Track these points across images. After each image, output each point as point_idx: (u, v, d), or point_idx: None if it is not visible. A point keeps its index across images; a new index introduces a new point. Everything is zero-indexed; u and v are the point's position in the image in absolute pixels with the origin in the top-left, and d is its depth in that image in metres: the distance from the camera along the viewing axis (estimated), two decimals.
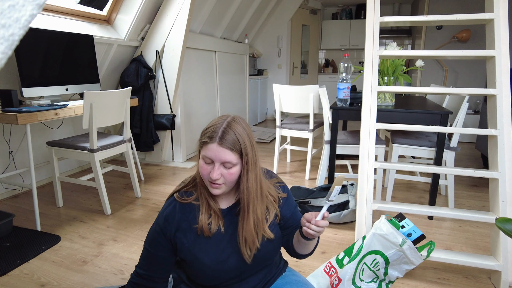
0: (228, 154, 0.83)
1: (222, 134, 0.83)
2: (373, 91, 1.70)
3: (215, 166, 0.84)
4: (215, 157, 0.83)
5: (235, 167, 0.85)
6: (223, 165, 0.85)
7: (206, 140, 0.84)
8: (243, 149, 0.85)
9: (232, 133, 0.84)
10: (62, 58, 2.39)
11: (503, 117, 1.52)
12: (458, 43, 4.56)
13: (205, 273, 0.92)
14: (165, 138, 3.27)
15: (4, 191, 2.46)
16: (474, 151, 3.82)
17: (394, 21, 1.73)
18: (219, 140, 0.83)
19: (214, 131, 0.84)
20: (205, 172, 0.86)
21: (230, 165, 0.84)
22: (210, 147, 0.83)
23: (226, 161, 0.84)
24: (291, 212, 1.02)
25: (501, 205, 1.50)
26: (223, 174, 0.85)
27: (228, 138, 0.83)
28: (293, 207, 1.04)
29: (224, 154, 0.83)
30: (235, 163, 0.85)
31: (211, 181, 0.86)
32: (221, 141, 0.83)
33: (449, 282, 1.55)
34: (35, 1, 0.29)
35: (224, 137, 0.83)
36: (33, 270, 1.61)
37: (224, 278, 0.93)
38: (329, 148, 2.34)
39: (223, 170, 0.85)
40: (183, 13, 2.91)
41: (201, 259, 0.91)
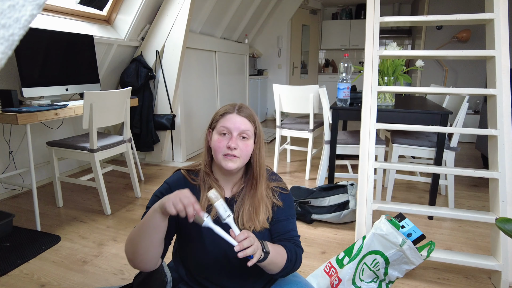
0: (247, 123, 0.90)
1: (239, 106, 0.92)
2: (373, 91, 1.70)
3: (233, 136, 0.89)
4: (234, 126, 0.89)
5: (250, 140, 0.91)
6: (240, 136, 0.90)
7: (226, 111, 0.91)
8: (257, 123, 0.93)
9: (247, 108, 0.93)
10: (62, 58, 2.39)
11: (503, 117, 1.52)
12: (458, 43, 4.56)
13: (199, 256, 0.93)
14: (165, 138, 3.27)
15: (4, 191, 2.46)
16: (474, 151, 3.82)
17: (394, 21, 1.73)
18: (237, 110, 0.91)
19: (231, 105, 0.92)
20: (222, 144, 0.89)
21: (246, 136, 0.90)
22: (229, 117, 0.90)
23: (246, 129, 0.89)
24: (285, 217, 0.99)
25: (501, 205, 1.50)
26: (239, 146, 0.89)
27: (246, 110, 0.92)
28: (289, 214, 1.00)
29: (243, 122, 0.89)
30: (250, 134, 0.91)
31: (227, 153, 0.88)
32: (240, 111, 0.91)
33: (449, 282, 1.55)
34: (35, 1, 0.29)
35: (242, 109, 0.92)
36: (33, 270, 1.61)
37: (217, 266, 0.94)
38: (329, 148, 2.34)
39: (239, 142, 0.89)
40: (183, 13, 2.91)
41: (196, 239, 0.93)
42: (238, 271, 0.95)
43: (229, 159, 0.89)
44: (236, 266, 0.94)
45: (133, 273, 1.60)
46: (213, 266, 0.94)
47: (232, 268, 0.95)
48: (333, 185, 2.23)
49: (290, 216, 1.01)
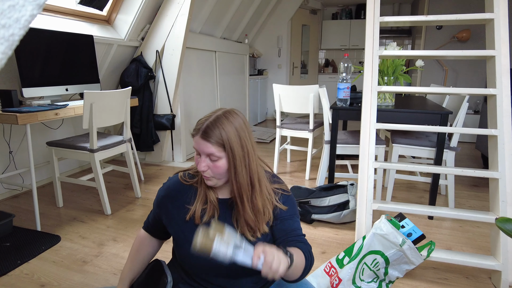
0: (210, 147, 0.85)
1: (205, 128, 0.86)
2: (373, 91, 1.70)
3: (202, 158, 0.88)
4: (199, 149, 0.87)
5: (221, 160, 0.87)
6: (209, 158, 0.87)
7: (193, 133, 0.89)
8: (225, 143, 0.85)
9: (216, 127, 0.85)
10: (62, 58, 2.39)
11: (503, 117, 1.52)
12: (458, 43, 4.56)
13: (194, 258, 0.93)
14: (165, 138, 3.27)
15: (4, 191, 2.46)
16: (474, 151, 3.82)
17: (394, 21, 1.73)
18: (201, 133, 0.86)
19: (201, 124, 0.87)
20: (196, 162, 0.90)
21: (214, 157, 0.86)
22: (195, 139, 0.88)
23: (209, 153, 0.86)
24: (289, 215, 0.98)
25: (501, 205, 1.50)
26: (209, 166, 0.87)
27: (210, 132, 0.85)
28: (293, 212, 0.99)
29: (205, 146, 0.86)
30: (218, 155, 0.86)
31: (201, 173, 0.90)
32: (203, 134, 0.86)
33: (449, 282, 1.55)
34: (35, 1, 0.29)
35: (207, 131, 0.85)
36: (33, 270, 1.61)
37: (209, 269, 0.94)
38: (329, 148, 2.34)
39: (209, 163, 0.87)
40: (183, 13, 2.91)
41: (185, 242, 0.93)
42: (234, 271, 0.95)
43: (204, 178, 0.90)
44: (232, 267, 0.94)
45: None
46: (208, 267, 0.94)
47: (227, 269, 0.94)
48: (333, 185, 2.23)
49: (295, 215, 1.00)
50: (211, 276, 0.96)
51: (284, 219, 0.97)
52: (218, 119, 0.87)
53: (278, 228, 0.96)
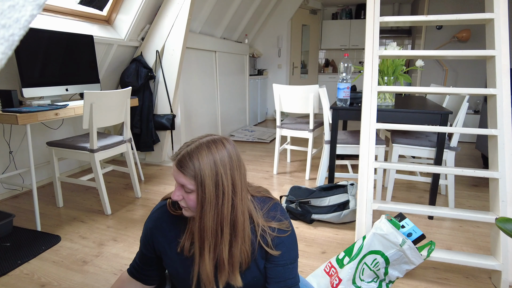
0: (182, 177, 0.77)
1: (181, 157, 0.77)
2: (373, 91, 1.70)
3: (176, 186, 0.81)
4: (174, 176, 0.79)
5: (192, 194, 0.78)
6: (183, 188, 0.79)
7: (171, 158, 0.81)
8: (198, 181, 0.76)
9: (194, 160, 0.76)
10: (62, 58, 2.39)
11: (503, 117, 1.52)
12: (458, 43, 4.56)
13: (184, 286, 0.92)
14: (165, 138, 3.27)
15: (4, 191, 2.46)
16: (474, 151, 3.82)
17: (394, 21, 1.73)
18: (176, 162, 0.78)
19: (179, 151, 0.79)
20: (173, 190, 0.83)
21: (188, 189, 0.78)
22: (173, 165, 0.80)
23: (183, 183, 0.78)
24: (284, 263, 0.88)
25: (501, 205, 1.50)
26: (184, 197, 0.80)
27: (185, 162, 0.76)
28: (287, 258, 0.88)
29: (178, 176, 0.78)
30: (191, 188, 0.77)
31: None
32: (178, 163, 0.77)
33: (449, 282, 1.55)
34: (35, 1, 0.29)
35: (181, 161, 0.77)
36: (33, 270, 1.61)
37: None
38: (329, 148, 2.34)
39: (183, 193, 0.80)
40: (183, 13, 2.91)
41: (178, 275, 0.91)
42: None
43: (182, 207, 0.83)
44: None
45: None
46: None
47: None
48: (333, 185, 2.23)
49: (289, 262, 0.88)
50: None
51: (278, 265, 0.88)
52: (198, 148, 0.77)
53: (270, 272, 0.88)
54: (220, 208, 0.78)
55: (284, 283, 0.88)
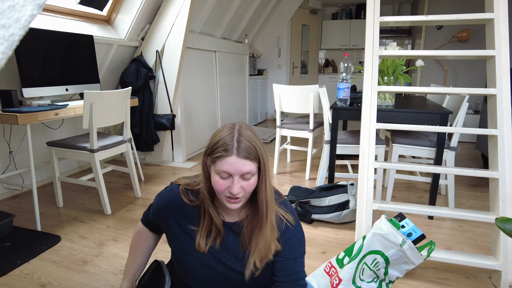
0: (248, 164, 0.78)
1: (238, 144, 0.78)
2: (373, 91, 1.70)
3: (234, 180, 0.79)
4: (235, 170, 0.78)
5: (254, 177, 0.81)
6: (242, 177, 0.80)
7: (222, 153, 0.78)
8: (260, 155, 0.80)
9: (245, 140, 0.79)
10: (62, 58, 2.39)
11: (503, 117, 1.52)
12: (458, 43, 4.56)
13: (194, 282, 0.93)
14: (165, 138, 3.27)
15: (4, 191, 2.46)
16: (474, 151, 3.82)
17: (394, 21, 1.73)
18: (236, 151, 0.77)
19: (227, 143, 0.78)
20: (222, 188, 0.80)
21: (249, 175, 0.80)
22: (227, 161, 0.77)
23: (247, 171, 0.78)
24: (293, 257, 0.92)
25: (501, 205, 1.50)
26: (242, 187, 0.80)
27: (244, 147, 0.78)
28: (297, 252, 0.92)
29: (244, 165, 0.78)
30: (254, 173, 0.81)
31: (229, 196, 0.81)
32: (239, 151, 0.77)
33: (449, 282, 1.55)
34: (35, 1, 0.29)
35: (241, 147, 0.78)
36: (34, 270, 1.61)
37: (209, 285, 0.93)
38: (329, 148, 2.34)
39: (242, 183, 0.80)
40: (183, 13, 2.91)
41: (189, 262, 0.92)
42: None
43: (232, 202, 0.82)
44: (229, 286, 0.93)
45: None
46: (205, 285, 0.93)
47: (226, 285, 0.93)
48: (333, 185, 2.23)
49: (299, 255, 0.93)
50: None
51: (287, 258, 0.91)
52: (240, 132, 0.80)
53: (280, 266, 0.90)
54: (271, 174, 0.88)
55: (295, 276, 0.91)
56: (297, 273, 0.91)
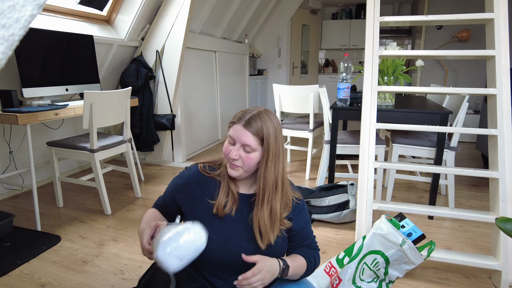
0: (249, 137, 0.87)
1: (249, 118, 0.88)
2: (373, 91, 1.70)
3: (235, 147, 0.89)
4: (237, 137, 0.88)
5: (255, 153, 0.89)
6: (243, 148, 0.89)
7: (234, 120, 0.90)
8: (265, 137, 0.89)
9: (258, 120, 0.88)
10: (62, 58, 2.39)
11: (503, 117, 1.52)
12: (458, 42, 4.56)
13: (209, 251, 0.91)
14: (165, 138, 3.27)
15: (4, 191, 2.46)
16: (474, 151, 3.82)
17: (394, 21, 1.73)
18: (244, 122, 0.88)
19: (244, 114, 0.90)
20: (227, 151, 0.91)
21: (249, 149, 0.88)
22: (235, 127, 0.89)
23: (246, 143, 0.87)
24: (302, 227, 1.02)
25: (501, 205, 1.50)
26: (241, 157, 0.89)
27: (253, 123, 0.88)
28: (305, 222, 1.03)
29: (245, 136, 0.87)
30: (254, 148, 0.88)
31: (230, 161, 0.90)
32: (246, 124, 0.88)
33: (449, 282, 1.55)
34: (35, 1, 0.29)
35: (250, 122, 0.88)
36: (34, 270, 1.61)
37: (226, 262, 0.93)
38: (329, 148, 2.34)
39: (242, 153, 0.89)
40: (183, 13, 2.91)
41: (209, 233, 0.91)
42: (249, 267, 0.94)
43: (231, 167, 0.91)
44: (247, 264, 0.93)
45: (133, 273, 1.60)
46: (222, 263, 0.94)
47: (241, 265, 0.93)
48: (333, 185, 2.23)
49: (306, 224, 1.02)
50: (222, 272, 0.95)
51: (297, 231, 1.00)
52: (260, 113, 0.90)
53: (292, 238, 1.00)
54: (277, 165, 0.92)
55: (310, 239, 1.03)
56: (307, 238, 1.02)
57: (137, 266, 1.65)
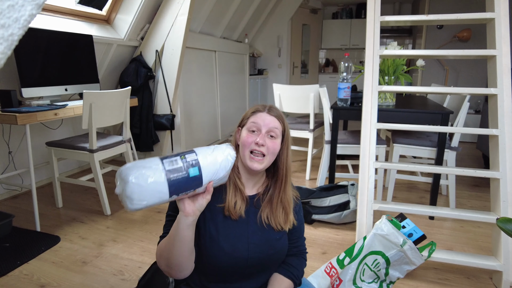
0: (276, 122, 0.92)
1: (270, 107, 0.95)
2: (373, 90, 1.70)
3: (261, 134, 0.91)
4: (264, 123, 0.91)
5: (278, 139, 0.92)
6: (268, 135, 0.91)
7: (256, 109, 0.94)
8: (285, 124, 0.95)
9: (277, 109, 0.96)
10: (62, 58, 2.39)
11: (504, 117, 1.52)
12: (459, 42, 4.56)
13: (216, 258, 0.90)
14: (165, 138, 3.26)
15: (4, 191, 2.46)
16: (475, 151, 3.82)
17: (394, 20, 1.72)
18: (268, 110, 0.94)
19: (262, 105, 0.95)
20: (250, 140, 0.90)
21: (274, 134, 0.91)
22: (259, 115, 0.93)
23: (274, 127, 0.91)
24: (299, 225, 1.03)
25: (502, 205, 1.50)
26: (266, 144, 0.90)
27: (275, 110, 0.95)
28: (301, 220, 1.05)
29: (273, 120, 0.92)
30: (279, 133, 0.92)
31: (254, 149, 0.90)
32: (270, 110, 0.94)
33: (450, 282, 1.55)
34: (34, 1, 0.29)
35: (272, 109, 0.95)
36: (33, 271, 1.61)
37: (231, 268, 0.91)
38: (329, 148, 2.33)
39: (267, 140, 0.90)
40: (182, 12, 2.91)
41: (218, 239, 0.90)
42: (254, 272, 0.94)
43: (255, 159, 0.90)
44: (253, 267, 0.92)
45: (133, 273, 1.59)
46: (230, 267, 0.91)
47: (249, 269, 0.93)
48: (334, 185, 2.23)
49: (301, 222, 1.05)
50: (229, 277, 0.93)
51: (295, 229, 1.01)
52: (274, 107, 0.97)
53: (294, 233, 1.02)
54: (290, 153, 0.97)
55: (297, 243, 1.04)
56: (299, 239, 1.05)
57: (137, 266, 1.65)
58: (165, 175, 0.70)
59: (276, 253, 0.95)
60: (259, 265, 0.94)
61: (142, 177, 0.68)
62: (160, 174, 0.70)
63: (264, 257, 0.93)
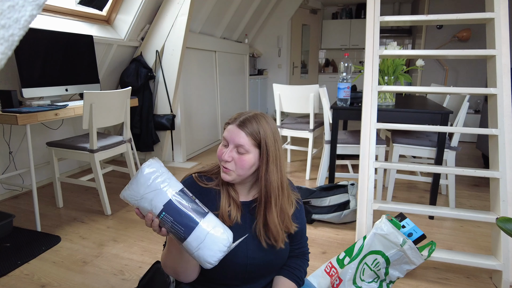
0: (243, 137, 0.83)
1: (243, 119, 0.85)
2: (373, 90, 1.70)
3: (228, 148, 0.85)
4: (230, 137, 0.85)
5: (248, 155, 0.84)
6: (236, 149, 0.85)
7: (228, 121, 0.88)
8: (262, 138, 0.85)
9: (254, 122, 0.85)
10: (62, 58, 2.39)
11: (503, 117, 1.52)
12: (459, 42, 4.56)
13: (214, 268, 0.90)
14: (165, 138, 3.27)
15: (4, 191, 2.46)
16: (474, 151, 3.82)
17: (394, 20, 1.72)
18: (239, 122, 0.85)
19: (239, 116, 0.87)
20: (220, 153, 0.87)
21: (243, 150, 0.84)
22: (228, 128, 0.86)
23: (240, 144, 0.83)
24: (301, 228, 1.00)
25: (502, 205, 1.50)
26: (234, 159, 0.84)
27: (248, 124, 0.85)
28: (303, 223, 1.02)
29: (238, 136, 0.83)
30: (247, 149, 0.84)
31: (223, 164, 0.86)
32: (240, 124, 0.85)
33: (450, 282, 1.55)
34: (35, 1, 0.29)
35: (245, 123, 0.85)
36: (34, 270, 1.61)
37: (231, 273, 0.91)
38: (329, 148, 2.34)
39: (235, 155, 0.84)
40: (183, 13, 2.91)
41: None
42: (256, 276, 0.93)
43: (224, 171, 0.87)
44: (254, 272, 0.92)
45: (133, 273, 1.59)
46: (230, 273, 0.91)
47: (249, 274, 0.92)
48: (334, 185, 2.23)
49: (303, 225, 1.01)
50: (230, 280, 0.92)
51: (301, 230, 0.99)
52: (256, 116, 0.87)
53: (296, 237, 1.00)
54: (279, 167, 0.89)
55: (299, 245, 1.02)
56: (301, 242, 1.02)
57: (137, 266, 1.65)
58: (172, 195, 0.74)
59: (276, 259, 0.94)
60: (260, 270, 0.93)
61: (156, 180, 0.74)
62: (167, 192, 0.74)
63: (264, 263, 0.92)
